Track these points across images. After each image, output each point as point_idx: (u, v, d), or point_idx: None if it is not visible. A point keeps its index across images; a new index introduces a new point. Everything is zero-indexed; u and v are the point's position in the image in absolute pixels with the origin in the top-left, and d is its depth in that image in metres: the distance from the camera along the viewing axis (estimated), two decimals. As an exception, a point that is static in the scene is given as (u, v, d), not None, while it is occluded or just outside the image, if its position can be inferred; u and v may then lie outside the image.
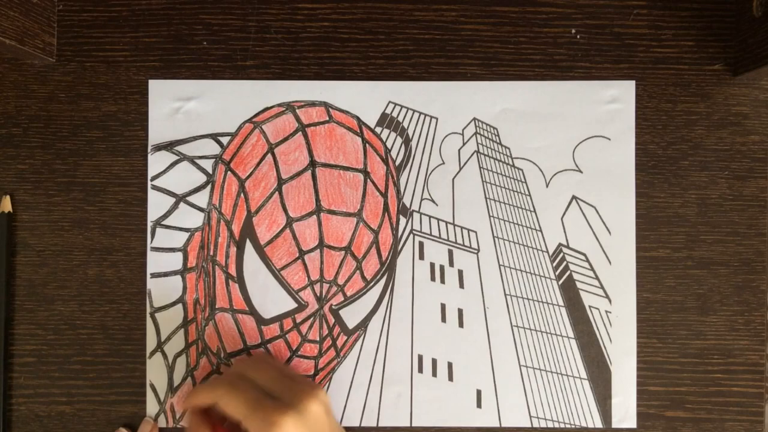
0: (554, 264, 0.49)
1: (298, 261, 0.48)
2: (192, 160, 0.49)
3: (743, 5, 0.47)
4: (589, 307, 0.48)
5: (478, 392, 0.48)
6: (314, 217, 0.48)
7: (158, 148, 0.49)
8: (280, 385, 0.42)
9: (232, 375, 0.43)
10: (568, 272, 0.48)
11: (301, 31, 0.49)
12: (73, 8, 0.49)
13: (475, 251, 0.49)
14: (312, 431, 0.40)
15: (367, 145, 0.49)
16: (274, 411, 0.39)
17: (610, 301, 0.48)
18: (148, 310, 0.48)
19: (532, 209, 0.49)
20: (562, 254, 0.49)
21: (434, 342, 0.48)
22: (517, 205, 0.49)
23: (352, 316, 0.48)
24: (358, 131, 0.49)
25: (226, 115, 0.49)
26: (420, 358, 0.48)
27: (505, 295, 0.48)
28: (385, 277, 0.49)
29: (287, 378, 0.43)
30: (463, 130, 0.49)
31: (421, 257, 0.49)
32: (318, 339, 0.48)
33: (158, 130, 0.49)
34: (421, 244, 0.49)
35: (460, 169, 0.49)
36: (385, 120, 0.49)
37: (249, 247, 0.48)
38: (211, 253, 0.48)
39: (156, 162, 0.49)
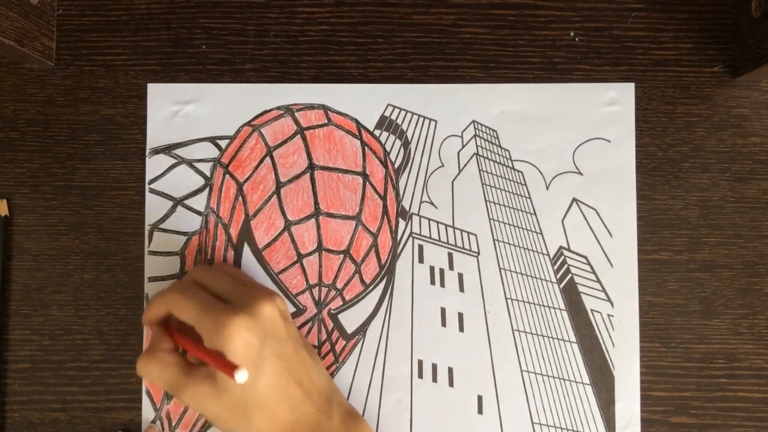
0: (555, 267, 0.48)
1: (297, 265, 0.48)
2: (190, 163, 0.48)
3: (742, 6, 0.47)
4: (591, 310, 0.48)
5: (479, 398, 0.47)
6: (313, 220, 0.48)
7: (156, 151, 0.48)
8: (234, 290, 0.41)
9: (184, 281, 0.43)
10: (570, 275, 0.48)
11: (299, 35, 0.49)
12: (72, 12, 0.49)
13: (475, 254, 0.48)
14: (266, 333, 0.39)
15: (366, 147, 0.49)
16: (224, 313, 0.38)
17: (612, 305, 0.48)
18: (145, 314, 0.48)
19: (532, 212, 0.48)
20: (563, 257, 0.48)
21: (434, 347, 0.47)
22: (518, 207, 0.48)
23: (350, 320, 0.48)
24: (357, 134, 0.49)
25: (225, 118, 0.49)
26: (420, 363, 0.47)
27: (506, 298, 0.48)
28: (384, 281, 0.48)
29: (243, 284, 0.42)
30: (462, 133, 0.49)
31: (421, 260, 0.48)
32: (316, 344, 0.48)
33: (156, 133, 0.48)
34: (420, 248, 0.48)
35: (460, 171, 0.49)
36: (384, 123, 0.49)
37: (247, 250, 0.48)
38: (209, 257, 0.48)
39: (154, 165, 0.48)
